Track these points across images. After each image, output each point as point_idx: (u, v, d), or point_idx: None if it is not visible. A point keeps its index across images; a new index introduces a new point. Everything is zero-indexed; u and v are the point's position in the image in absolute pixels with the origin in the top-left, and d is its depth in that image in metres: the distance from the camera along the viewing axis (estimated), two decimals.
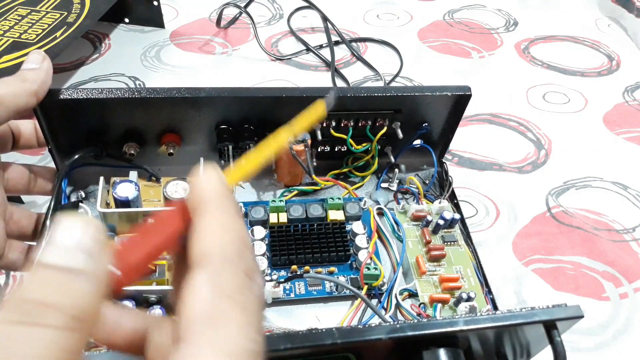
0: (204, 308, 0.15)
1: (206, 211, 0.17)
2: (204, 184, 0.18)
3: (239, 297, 0.15)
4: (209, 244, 0.16)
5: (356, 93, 0.40)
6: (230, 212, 0.17)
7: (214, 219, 0.17)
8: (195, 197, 0.17)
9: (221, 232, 0.17)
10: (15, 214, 0.35)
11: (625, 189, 0.51)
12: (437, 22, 0.77)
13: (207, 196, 0.17)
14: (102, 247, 0.15)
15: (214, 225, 0.17)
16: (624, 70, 0.69)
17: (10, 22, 0.54)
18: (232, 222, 0.17)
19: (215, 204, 0.17)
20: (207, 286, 0.15)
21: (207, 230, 0.17)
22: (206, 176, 0.18)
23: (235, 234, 0.17)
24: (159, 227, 0.17)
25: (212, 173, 0.18)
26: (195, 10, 0.74)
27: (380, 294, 0.38)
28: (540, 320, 0.26)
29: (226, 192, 0.18)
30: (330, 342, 0.24)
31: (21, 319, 0.13)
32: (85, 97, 0.36)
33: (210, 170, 0.18)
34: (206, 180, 0.18)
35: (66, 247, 0.15)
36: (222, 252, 0.16)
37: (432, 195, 0.45)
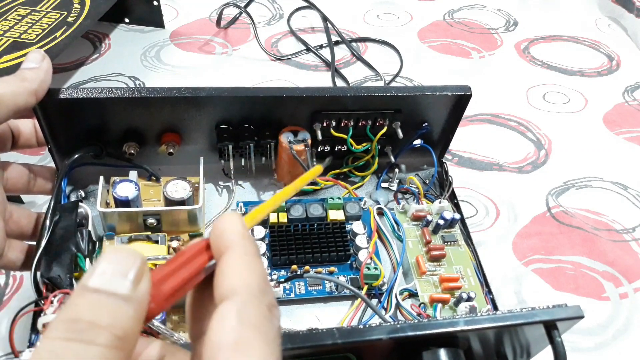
0: (231, 335, 0.16)
1: (232, 251, 0.19)
2: (228, 227, 0.19)
3: (262, 327, 0.17)
4: (235, 281, 0.18)
5: (356, 93, 0.40)
6: (252, 253, 0.19)
7: (239, 258, 0.19)
8: (220, 238, 0.19)
9: (246, 270, 0.18)
10: (14, 214, 0.35)
11: (625, 189, 0.51)
12: (437, 22, 0.77)
13: (231, 238, 0.19)
14: (145, 276, 0.17)
15: (239, 264, 0.18)
16: (624, 70, 0.69)
17: (10, 22, 0.54)
18: (255, 262, 0.19)
19: (239, 246, 0.19)
20: (234, 316, 0.17)
21: (233, 268, 0.18)
22: (230, 219, 0.20)
23: (258, 273, 0.18)
24: (188, 261, 0.19)
25: (234, 217, 0.20)
26: (195, 10, 0.74)
27: (380, 294, 0.38)
28: (541, 320, 0.26)
29: (247, 234, 0.19)
30: (330, 342, 0.24)
31: (74, 336, 0.15)
32: (85, 96, 0.36)
33: (233, 215, 0.20)
34: (230, 223, 0.19)
35: (114, 274, 0.16)
36: (247, 288, 0.18)
37: (432, 195, 0.45)
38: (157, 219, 0.37)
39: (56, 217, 0.34)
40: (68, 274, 0.31)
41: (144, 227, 0.37)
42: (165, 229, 0.38)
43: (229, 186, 0.45)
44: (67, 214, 0.34)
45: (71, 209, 0.34)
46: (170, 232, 0.38)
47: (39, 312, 0.30)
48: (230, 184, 0.44)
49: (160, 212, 0.37)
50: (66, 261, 0.32)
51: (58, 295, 0.29)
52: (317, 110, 0.41)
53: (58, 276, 0.31)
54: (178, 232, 0.38)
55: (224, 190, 0.44)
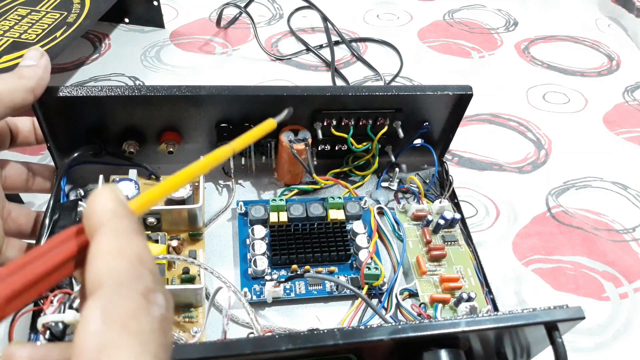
0: (93, 340, 0.14)
1: (99, 234, 0.16)
2: (96, 206, 0.17)
3: (132, 322, 0.15)
4: (101, 270, 0.15)
5: (357, 92, 0.40)
6: (125, 231, 0.16)
7: (107, 242, 0.16)
8: (89, 220, 0.16)
9: (114, 255, 0.16)
10: (13, 212, 0.34)
11: (625, 189, 0.51)
12: (437, 22, 0.77)
13: (100, 218, 0.16)
14: None
15: (106, 248, 0.16)
16: (624, 70, 0.69)
17: (10, 22, 0.54)
18: (127, 243, 0.16)
19: (109, 226, 0.16)
20: (97, 316, 0.15)
21: (99, 255, 0.16)
22: (99, 197, 0.17)
23: (130, 255, 0.16)
24: (45, 254, 0.16)
25: (105, 193, 0.17)
26: (195, 10, 0.74)
27: (380, 294, 0.38)
28: (542, 321, 0.26)
29: (122, 211, 0.17)
30: (332, 343, 0.24)
31: None
32: (84, 94, 0.36)
33: (104, 190, 0.17)
34: (99, 200, 0.17)
35: None
36: (114, 276, 0.15)
37: (433, 195, 0.45)
38: (157, 218, 0.37)
39: (55, 216, 0.34)
40: None
41: (143, 226, 0.37)
42: (165, 228, 0.38)
43: (229, 185, 0.44)
44: (66, 213, 0.34)
45: (70, 207, 0.34)
46: (170, 231, 0.38)
47: (38, 311, 0.30)
48: (231, 183, 0.44)
49: (160, 211, 0.37)
50: None
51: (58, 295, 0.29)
52: (318, 109, 0.41)
53: None
54: (178, 232, 0.38)
55: (224, 190, 0.44)
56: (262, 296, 0.37)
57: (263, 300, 0.37)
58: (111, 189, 0.17)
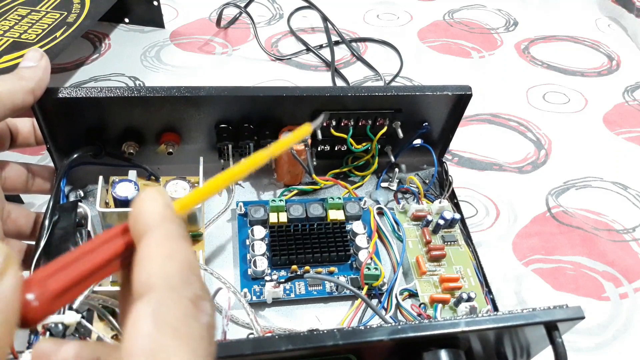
0: (145, 343, 0.14)
1: (149, 237, 0.16)
2: (146, 208, 0.16)
3: (183, 328, 0.15)
4: (151, 273, 0.15)
5: (357, 92, 0.40)
6: (175, 236, 0.16)
7: (157, 245, 0.16)
8: (137, 222, 0.16)
9: (165, 259, 0.16)
10: (13, 213, 0.34)
11: (625, 189, 0.51)
12: (437, 22, 0.77)
13: (149, 221, 0.16)
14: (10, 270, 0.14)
15: (157, 252, 0.16)
16: (624, 70, 0.69)
17: (10, 22, 0.54)
18: (177, 248, 0.16)
19: (159, 229, 0.16)
20: (148, 319, 0.14)
21: (150, 258, 0.16)
22: (148, 199, 0.17)
23: (181, 261, 0.16)
24: (91, 252, 0.16)
25: (154, 195, 0.17)
26: (195, 10, 0.74)
27: (380, 294, 0.38)
28: (542, 321, 0.26)
29: (170, 215, 0.17)
30: (332, 343, 0.24)
31: None
32: (84, 95, 0.36)
33: (153, 192, 0.17)
34: (148, 203, 0.17)
35: None
36: (165, 281, 0.15)
37: (432, 195, 0.45)
38: None
39: (55, 217, 0.34)
40: None
41: None
42: None
43: (228, 186, 0.44)
44: (66, 214, 0.34)
45: (70, 208, 0.34)
46: None
47: None
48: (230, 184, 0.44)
49: None
50: None
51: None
52: (318, 109, 0.41)
53: None
54: None
55: (223, 190, 0.44)
56: (262, 297, 0.37)
57: (263, 300, 0.37)
58: (159, 191, 0.17)
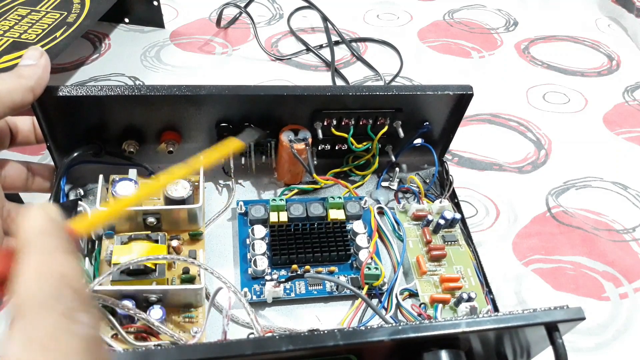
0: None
1: (24, 253, 0.16)
2: (24, 223, 0.16)
3: (53, 344, 0.14)
4: (21, 292, 0.15)
5: (357, 92, 0.40)
6: (49, 250, 0.16)
7: (29, 261, 0.16)
8: (17, 238, 0.16)
9: (35, 276, 0.15)
10: (12, 212, 0.34)
11: (625, 189, 0.51)
12: (437, 22, 0.77)
13: (26, 237, 0.16)
14: None
15: (27, 268, 0.16)
16: (624, 70, 0.69)
17: (10, 22, 0.54)
18: (50, 262, 0.16)
19: (32, 244, 0.16)
20: (17, 339, 0.14)
21: (21, 276, 0.15)
22: (28, 216, 0.16)
23: (52, 275, 0.15)
24: None
25: (35, 211, 0.17)
26: (195, 10, 0.74)
27: (380, 294, 0.38)
28: (542, 322, 0.26)
29: (49, 229, 0.16)
30: (332, 343, 0.24)
31: None
32: (84, 94, 0.36)
33: (34, 208, 0.17)
34: (27, 219, 0.16)
35: None
36: (34, 298, 0.15)
37: (433, 195, 0.45)
38: (157, 218, 0.37)
39: None
40: None
41: (143, 226, 0.37)
42: (165, 228, 0.38)
43: (229, 185, 0.44)
44: (66, 213, 0.34)
45: (70, 207, 0.34)
46: (170, 231, 0.38)
47: None
48: (231, 183, 0.44)
49: (160, 211, 0.37)
50: None
51: None
52: (318, 109, 0.41)
53: None
54: (178, 231, 0.38)
55: (224, 189, 0.44)
56: (262, 296, 0.37)
57: (263, 300, 0.37)
58: (42, 206, 0.17)
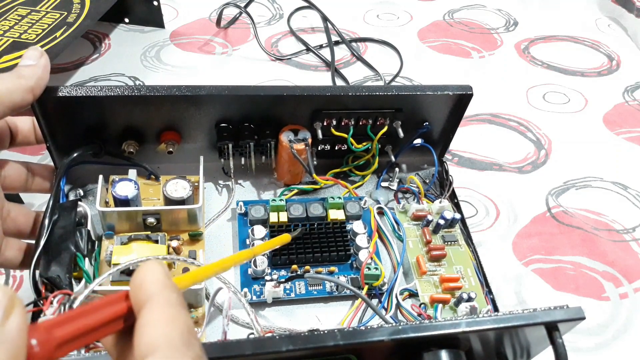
0: None
1: (151, 304, 0.17)
2: (147, 277, 0.18)
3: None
4: (156, 336, 0.17)
5: (357, 92, 0.40)
6: (175, 303, 0.18)
7: (160, 311, 0.17)
8: (138, 289, 0.18)
9: (168, 323, 0.17)
10: (12, 212, 0.34)
11: (625, 189, 0.51)
12: (437, 22, 0.77)
13: (151, 289, 0.18)
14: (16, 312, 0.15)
15: (159, 317, 0.17)
16: (624, 70, 0.69)
17: (10, 22, 0.54)
18: (178, 313, 0.17)
19: (160, 296, 0.18)
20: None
21: (153, 322, 0.17)
22: (149, 269, 0.18)
23: (182, 324, 0.17)
24: (97, 309, 0.17)
25: (154, 265, 0.18)
26: (195, 10, 0.74)
27: (380, 294, 0.38)
28: (542, 321, 0.26)
29: (170, 284, 0.18)
30: (332, 343, 0.24)
31: None
32: (84, 94, 0.36)
33: (154, 264, 0.19)
34: (150, 273, 0.18)
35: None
36: (170, 342, 0.16)
37: (433, 195, 0.45)
38: (156, 219, 0.37)
39: (55, 216, 0.34)
40: (67, 273, 0.31)
41: (143, 227, 0.37)
42: (165, 228, 0.38)
43: (228, 185, 0.44)
44: (66, 213, 0.34)
45: (70, 208, 0.34)
46: (170, 231, 0.38)
47: (38, 312, 0.30)
48: (230, 183, 0.44)
49: (160, 212, 0.37)
50: (65, 261, 0.32)
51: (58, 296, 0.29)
52: (318, 109, 0.41)
53: (57, 276, 0.31)
54: (178, 232, 0.38)
55: (223, 189, 0.44)
56: (262, 296, 0.37)
57: (263, 300, 0.37)
58: (159, 262, 0.19)
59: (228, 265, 0.24)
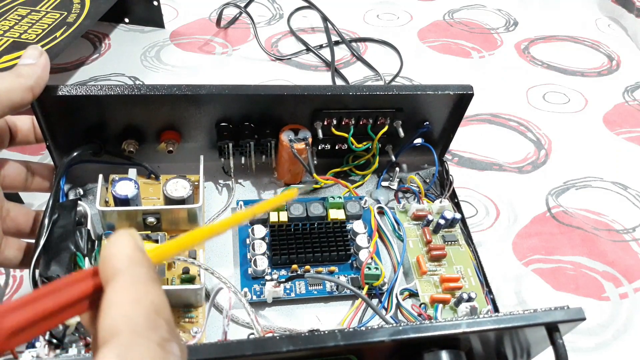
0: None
1: (116, 281, 0.16)
2: (114, 251, 0.16)
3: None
4: (116, 318, 0.15)
5: (358, 91, 0.39)
6: (142, 280, 0.16)
7: (124, 289, 0.16)
8: (105, 265, 0.16)
9: (130, 304, 0.15)
10: (12, 211, 0.34)
11: (625, 189, 0.51)
12: (437, 22, 0.77)
13: (116, 264, 0.16)
14: None
15: (122, 297, 0.16)
16: (624, 70, 0.69)
17: (10, 22, 0.54)
18: (145, 292, 0.16)
19: (126, 273, 0.16)
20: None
21: (115, 302, 0.16)
22: (117, 242, 0.17)
23: (147, 305, 0.16)
24: (58, 291, 0.16)
25: (123, 238, 0.17)
26: (195, 10, 0.74)
27: (380, 294, 0.38)
28: (542, 322, 0.26)
29: (139, 258, 0.17)
30: (333, 344, 0.24)
31: None
32: (83, 93, 0.36)
33: (122, 235, 0.17)
34: (117, 246, 0.17)
35: None
36: (131, 326, 0.15)
37: (433, 195, 0.45)
38: (156, 218, 0.37)
39: (55, 216, 0.34)
40: (67, 273, 0.31)
41: (143, 226, 0.37)
42: (165, 227, 0.38)
43: (229, 184, 0.44)
44: (65, 213, 0.34)
45: (70, 207, 0.34)
46: (170, 230, 0.38)
47: None
48: (231, 182, 0.44)
49: (159, 211, 0.37)
50: (65, 260, 0.32)
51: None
52: (318, 108, 0.40)
53: (57, 275, 0.31)
54: (178, 231, 0.38)
55: (224, 189, 0.44)
56: (262, 296, 0.37)
57: (263, 300, 0.37)
58: (129, 234, 0.17)
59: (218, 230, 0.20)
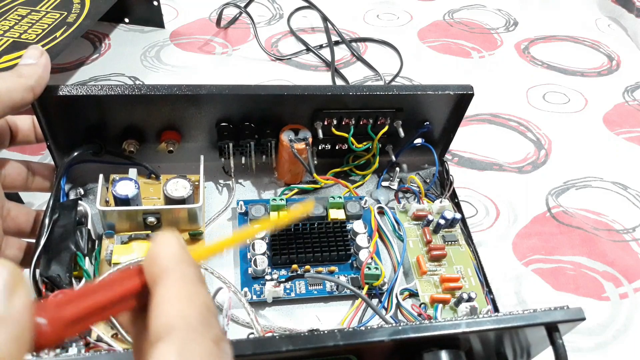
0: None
1: (167, 280, 0.16)
2: (162, 251, 0.17)
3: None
4: (172, 315, 0.15)
5: (358, 91, 0.40)
6: (192, 279, 0.16)
7: (176, 288, 0.16)
8: (153, 264, 0.17)
9: (185, 301, 0.16)
10: (12, 211, 0.34)
11: (625, 189, 0.51)
12: (437, 22, 0.77)
13: (166, 263, 0.16)
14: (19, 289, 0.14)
15: (176, 294, 0.16)
16: (624, 70, 0.69)
17: (10, 22, 0.54)
18: (195, 291, 0.16)
19: (176, 272, 0.16)
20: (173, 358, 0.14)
21: (169, 300, 0.16)
22: (164, 242, 0.17)
23: (200, 304, 0.16)
24: (108, 286, 0.16)
25: (170, 238, 0.17)
26: (195, 10, 0.74)
27: (380, 294, 0.38)
28: (542, 322, 0.26)
29: (187, 258, 0.17)
30: (332, 344, 0.24)
31: None
32: (84, 93, 0.36)
33: (169, 236, 0.17)
34: (165, 246, 0.17)
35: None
36: (187, 322, 0.15)
37: (433, 195, 0.45)
38: (157, 218, 0.37)
39: (55, 216, 0.34)
40: (67, 272, 0.31)
41: (143, 226, 0.37)
42: (165, 227, 0.38)
43: (229, 184, 0.44)
44: (66, 212, 0.34)
45: (70, 207, 0.34)
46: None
47: None
48: (231, 182, 0.44)
49: (160, 211, 0.37)
50: (65, 260, 0.32)
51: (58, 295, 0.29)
52: (318, 108, 0.41)
53: (57, 275, 0.31)
54: (178, 231, 0.38)
55: (224, 189, 0.44)
56: (262, 296, 0.37)
57: (263, 300, 0.37)
58: (175, 235, 0.17)
59: (251, 234, 0.23)
